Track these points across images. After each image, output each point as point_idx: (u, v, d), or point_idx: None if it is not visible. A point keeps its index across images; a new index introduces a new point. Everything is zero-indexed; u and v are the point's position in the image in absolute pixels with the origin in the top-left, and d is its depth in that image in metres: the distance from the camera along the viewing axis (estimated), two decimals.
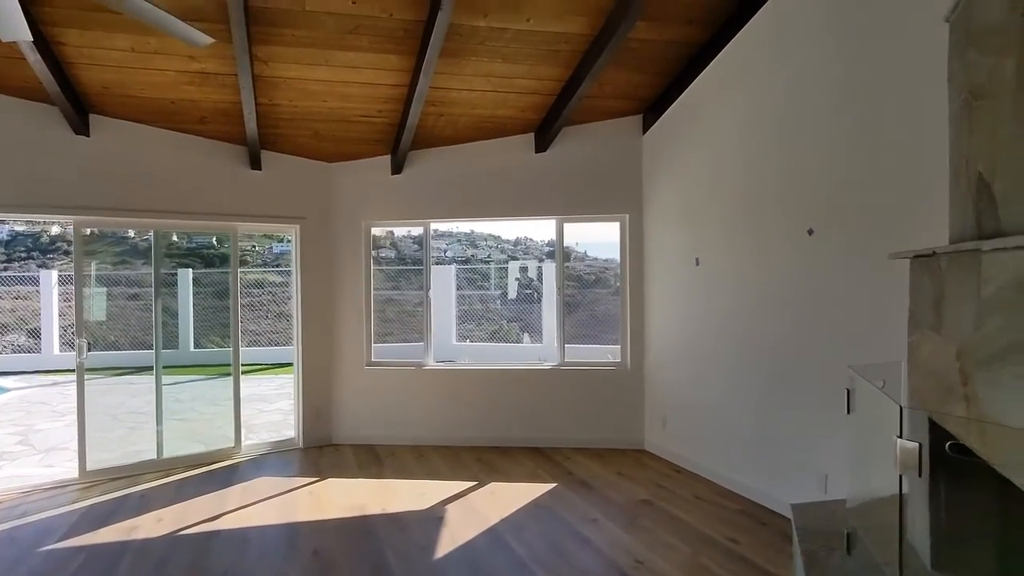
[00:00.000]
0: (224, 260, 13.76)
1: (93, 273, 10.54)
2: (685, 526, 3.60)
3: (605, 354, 6.45)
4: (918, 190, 2.81)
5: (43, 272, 11.89)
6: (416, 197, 5.41)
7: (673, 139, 4.81)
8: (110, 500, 4.19)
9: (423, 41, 3.72)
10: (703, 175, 4.47)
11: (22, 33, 2.27)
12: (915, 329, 2.31)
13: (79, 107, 4.35)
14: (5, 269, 14.13)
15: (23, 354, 11.01)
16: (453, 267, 11.24)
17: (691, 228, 4.62)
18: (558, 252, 5.58)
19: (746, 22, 3.79)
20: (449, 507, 3.99)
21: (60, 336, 11.12)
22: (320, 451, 5.33)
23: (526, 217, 5.46)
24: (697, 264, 4.51)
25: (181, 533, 3.62)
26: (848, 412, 2.06)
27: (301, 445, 5.42)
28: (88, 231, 4.73)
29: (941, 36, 2.24)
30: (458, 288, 11.07)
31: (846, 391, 2.05)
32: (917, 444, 1.53)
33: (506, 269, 12.50)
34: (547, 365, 5.55)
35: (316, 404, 5.47)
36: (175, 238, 10.70)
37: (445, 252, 15.70)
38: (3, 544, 3.47)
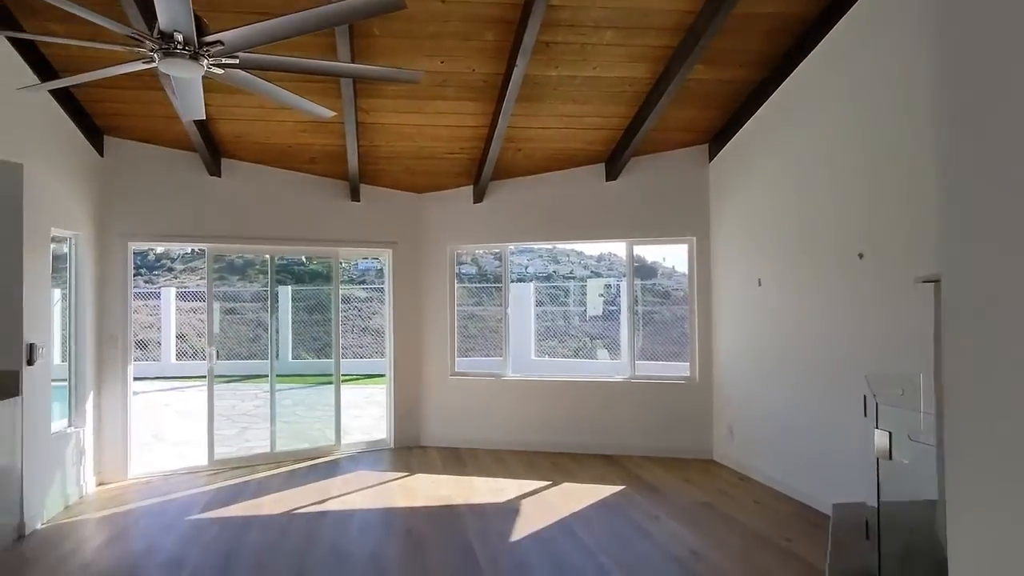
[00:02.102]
0: (314, 277, 15.23)
1: (196, 290, 12.07)
2: (741, 526, 4.05)
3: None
4: None
5: (164, 289, 13.76)
6: (495, 222, 6.18)
7: (735, 168, 5.31)
8: (234, 484, 5.17)
9: (502, 90, 4.50)
10: (763, 201, 4.94)
11: (200, 113, 3.19)
12: (937, 346, 2.70)
13: (215, 153, 5.49)
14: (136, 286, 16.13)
15: (147, 363, 12.81)
16: (532, 285, 11.93)
17: (753, 251, 5.08)
18: (628, 272, 6.15)
19: (796, 66, 4.26)
20: (524, 501, 4.63)
21: (176, 347, 12.87)
22: (409, 451, 6.16)
23: (598, 240, 6.07)
24: (759, 285, 4.94)
25: (295, 512, 4.49)
26: (865, 415, 2.49)
27: (392, 446, 6.27)
28: (190, 250, 5.83)
29: None
30: (540, 304, 11.68)
31: (863, 397, 2.48)
32: (888, 432, 1.98)
33: (588, 286, 12.98)
34: (618, 378, 6.09)
35: (406, 410, 6.31)
36: (267, 256, 12.12)
37: (527, 268, 16.38)
38: (156, 514, 4.48)
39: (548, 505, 4.55)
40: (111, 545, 3.90)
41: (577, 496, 4.73)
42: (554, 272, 16.87)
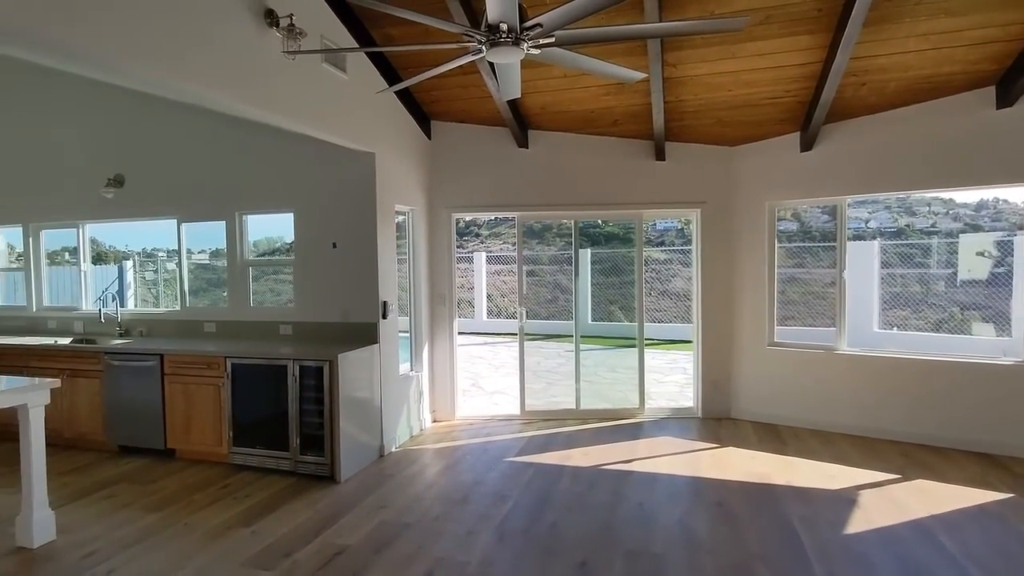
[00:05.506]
0: (610, 239, 15.88)
1: (499, 254, 13.53)
2: None
3: None
4: None
5: (475, 254, 15.99)
6: (828, 172, 5.64)
7: None
8: (544, 434, 5.86)
9: (843, 16, 4.07)
10: None
11: (517, 92, 3.60)
12: None
13: (523, 126, 6.14)
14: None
15: (462, 319, 15.13)
16: (876, 243, 10.53)
17: None
18: None
19: None
20: (863, 492, 4.26)
21: (487, 306, 14.92)
22: (718, 422, 6.15)
23: (977, 186, 5.05)
24: None
25: (602, 467, 4.90)
26: None
27: (699, 415, 6.34)
28: (493, 217, 6.56)
29: None
30: (886, 266, 10.31)
31: None
32: None
33: (957, 243, 10.94)
34: (1007, 360, 5.05)
35: (714, 379, 6.28)
36: (565, 221, 13.04)
37: (866, 222, 14.54)
38: (480, 452, 5.35)
39: (896, 502, 4.09)
40: (447, 472, 4.84)
41: (939, 496, 4.15)
42: (907, 226, 14.59)
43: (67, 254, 7.01)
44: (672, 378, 8.65)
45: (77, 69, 3.12)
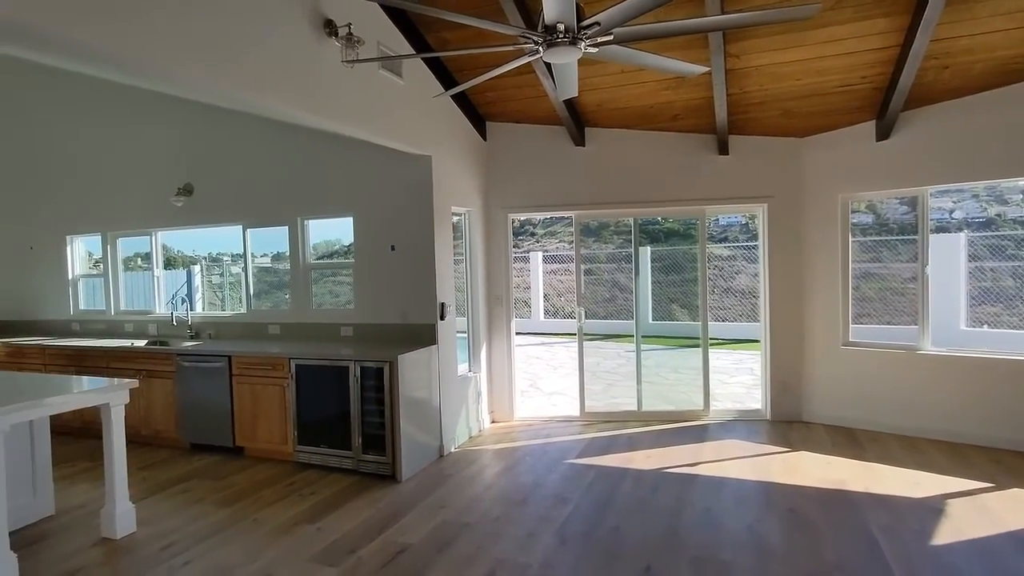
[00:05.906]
0: (670, 236, 15.63)
1: (555, 253, 13.47)
2: None
3: None
4: None
5: (532, 253, 16.01)
6: (908, 162, 5.38)
7: None
8: (605, 436, 5.80)
9: None
10: None
11: (574, 91, 3.59)
12: None
13: (579, 124, 6.10)
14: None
15: (519, 319, 15.18)
16: (963, 235, 9.98)
17: None
18: None
19: None
20: (952, 501, 4.05)
21: (543, 305, 14.92)
22: (789, 425, 5.95)
23: None
24: None
25: (666, 470, 4.82)
26: None
27: (768, 417, 6.16)
28: (548, 216, 6.51)
29: None
30: (974, 259, 9.77)
31: None
32: None
33: None
34: None
35: (784, 380, 6.09)
36: (624, 219, 12.81)
37: (951, 213, 13.81)
38: (539, 454, 5.34)
39: (988, 511, 3.87)
40: (506, 474, 4.86)
41: None
42: (998, 216, 13.78)
43: (139, 260, 7.40)
44: (738, 379, 8.43)
45: (122, 76, 3.19)
